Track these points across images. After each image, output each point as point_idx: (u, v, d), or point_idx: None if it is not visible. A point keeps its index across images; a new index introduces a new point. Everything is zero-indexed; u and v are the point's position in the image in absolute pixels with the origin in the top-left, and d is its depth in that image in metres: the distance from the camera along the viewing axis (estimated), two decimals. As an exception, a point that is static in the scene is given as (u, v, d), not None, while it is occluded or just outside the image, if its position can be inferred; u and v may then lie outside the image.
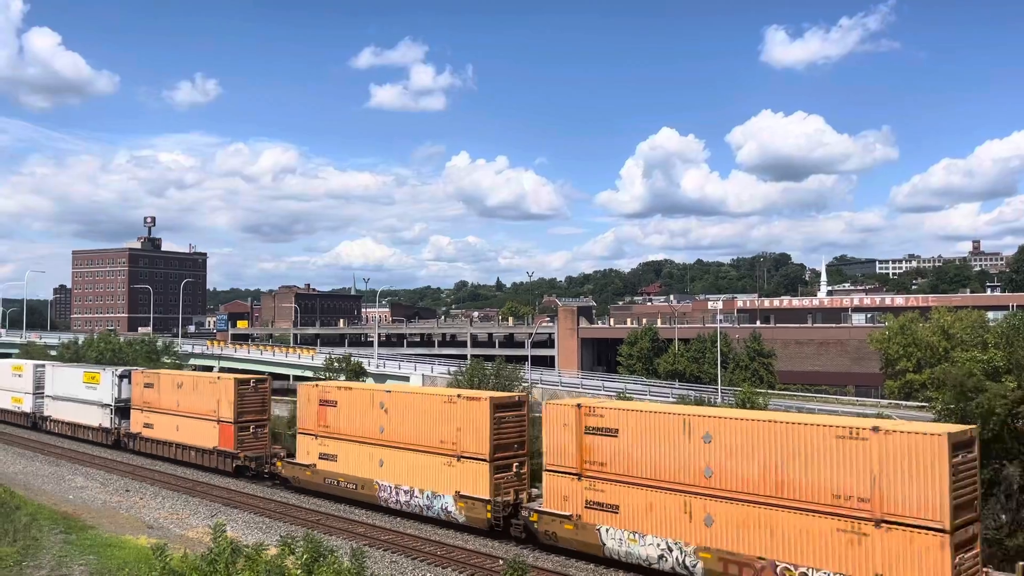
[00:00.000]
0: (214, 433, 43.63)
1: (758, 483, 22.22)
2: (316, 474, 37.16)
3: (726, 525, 22.92)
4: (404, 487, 33.05)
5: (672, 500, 24.10)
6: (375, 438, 34.50)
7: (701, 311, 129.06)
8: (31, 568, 26.42)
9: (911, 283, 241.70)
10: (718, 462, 23.09)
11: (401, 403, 33.86)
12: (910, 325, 72.80)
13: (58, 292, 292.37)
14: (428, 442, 32.04)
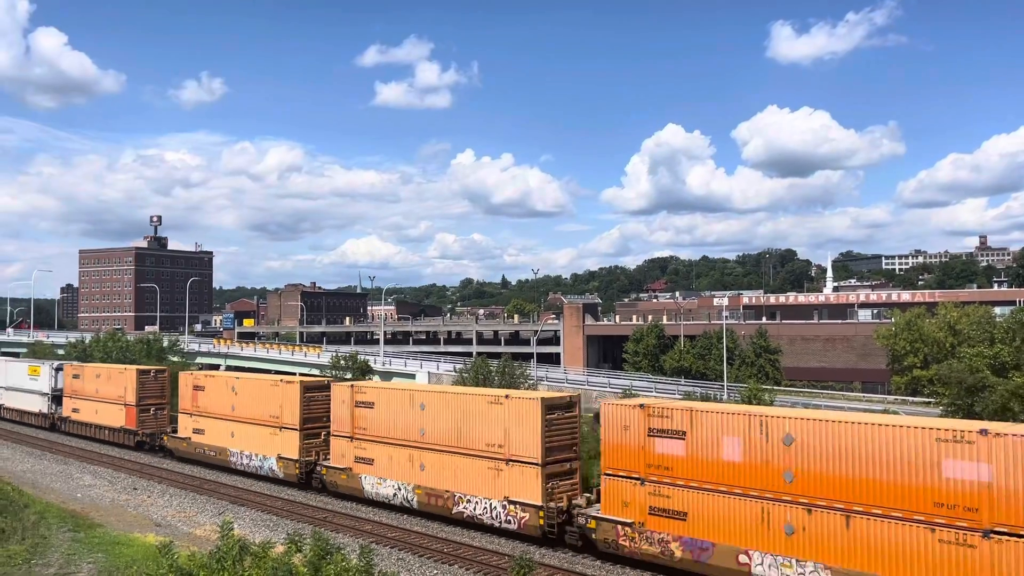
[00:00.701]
0: (121, 415, 52.10)
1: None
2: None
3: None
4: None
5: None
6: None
7: (707, 308, 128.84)
8: (40, 566, 26.56)
9: (917, 279, 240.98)
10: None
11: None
12: (916, 321, 72.64)
13: (65, 291, 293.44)
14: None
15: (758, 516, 22.35)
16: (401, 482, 33.36)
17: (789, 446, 21.87)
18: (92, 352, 78.09)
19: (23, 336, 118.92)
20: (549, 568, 25.55)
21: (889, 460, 20.15)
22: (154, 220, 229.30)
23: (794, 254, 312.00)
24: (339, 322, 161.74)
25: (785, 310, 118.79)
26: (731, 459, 23.12)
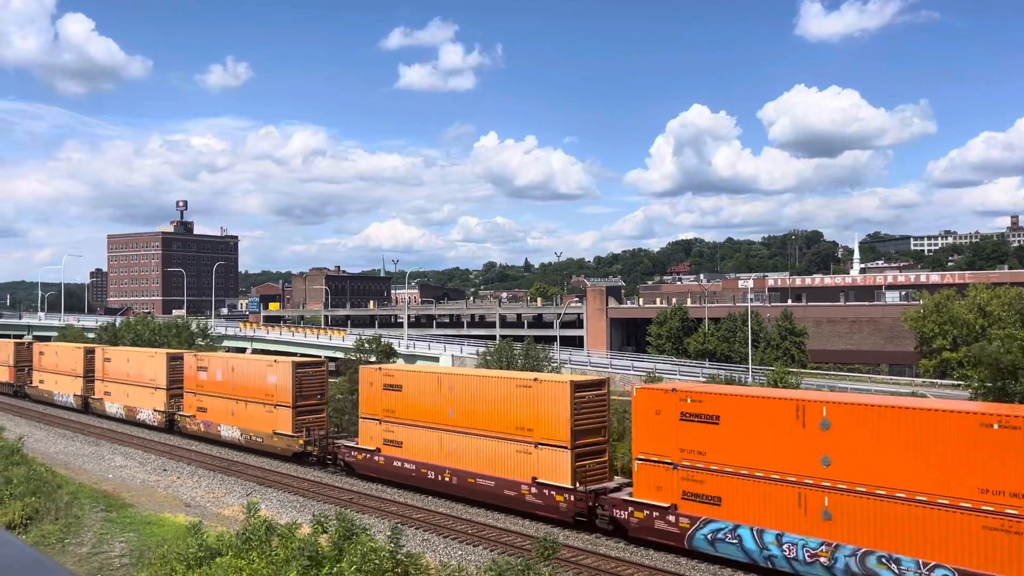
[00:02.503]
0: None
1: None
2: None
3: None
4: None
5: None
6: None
7: (731, 290, 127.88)
8: (73, 545, 27.11)
9: (947, 260, 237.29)
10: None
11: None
12: (946, 303, 71.57)
13: (94, 276, 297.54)
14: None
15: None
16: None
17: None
18: (122, 335, 79.24)
19: (54, 320, 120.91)
20: (573, 549, 25.65)
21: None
22: (180, 205, 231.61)
23: (820, 235, 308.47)
24: (363, 305, 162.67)
25: (811, 292, 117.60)
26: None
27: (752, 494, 23.40)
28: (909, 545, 20.27)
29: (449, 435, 32.56)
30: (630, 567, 24.60)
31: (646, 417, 26.05)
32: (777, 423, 23.01)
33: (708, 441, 24.46)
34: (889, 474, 20.74)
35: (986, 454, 19.28)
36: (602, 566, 24.63)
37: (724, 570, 24.25)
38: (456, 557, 25.49)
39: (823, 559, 21.52)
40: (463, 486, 31.91)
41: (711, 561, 24.79)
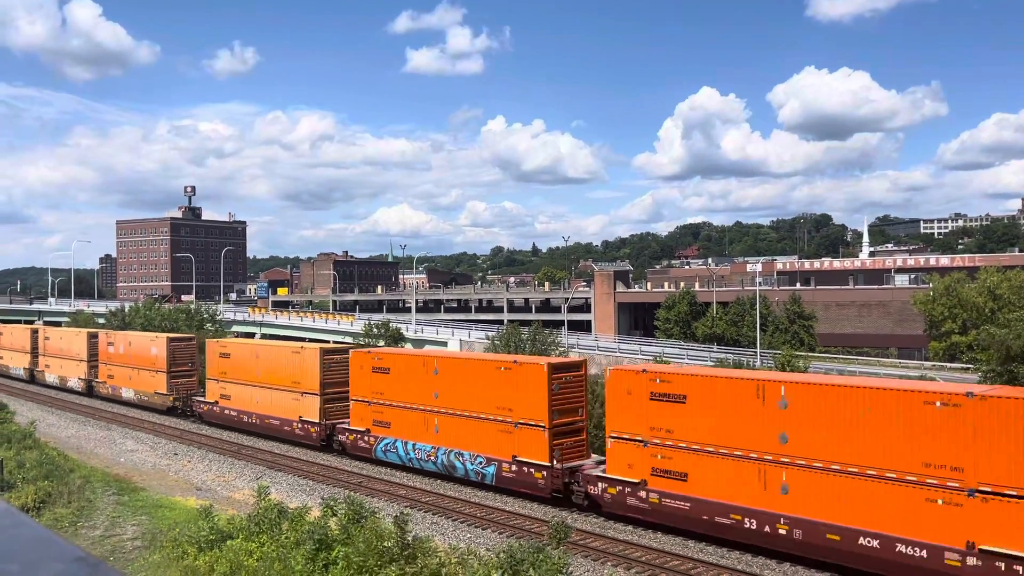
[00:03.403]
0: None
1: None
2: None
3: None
4: None
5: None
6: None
7: (740, 274, 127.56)
8: (86, 528, 27.39)
9: (957, 243, 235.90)
10: None
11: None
12: (956, 286, 71.23)
13: (104, 261, 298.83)
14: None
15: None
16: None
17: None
18: (132, 321, 79.65)
19: (64, 305, 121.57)
20: (581, 532, 25.77)
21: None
22: (188, 190, 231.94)
23: (829, 219, 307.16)
24: (371, 290, 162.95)
25: (820, 276, 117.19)
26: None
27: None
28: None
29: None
30: (638, 549, 24.73)
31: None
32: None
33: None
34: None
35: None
36: (610, 549, 24.77)
37: (732, 552, 24.35)
38: (465, 540, 25.64)
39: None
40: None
41: (719, 544, 24.89)
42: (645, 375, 26.58)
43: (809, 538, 22.34)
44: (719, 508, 24.30)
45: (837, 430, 21.85)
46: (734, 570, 22.87)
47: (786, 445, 22.86)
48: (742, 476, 23.89)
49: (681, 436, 25.38)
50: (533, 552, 18.88)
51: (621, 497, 26.91)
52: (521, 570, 18.46)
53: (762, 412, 23.43)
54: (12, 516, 1.47)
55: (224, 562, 20.06)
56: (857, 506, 21.47)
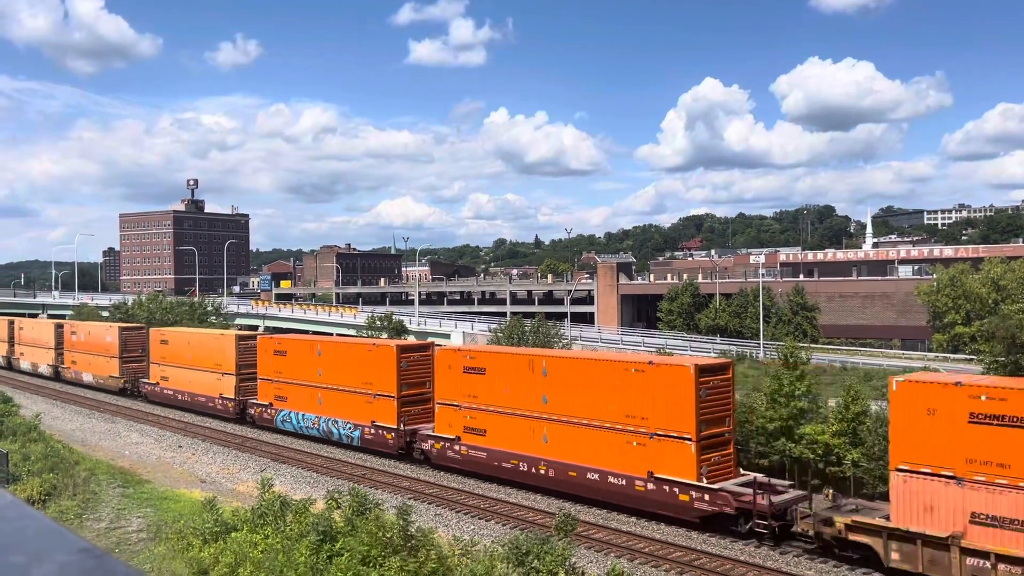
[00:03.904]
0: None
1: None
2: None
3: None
4: None
5: None
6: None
7: (743, 265, 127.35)
8: (91, 520, 27.50)
9: (961, 234, 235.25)
10: None
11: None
12: (960, 277, 71.06)
13: (107, 255, 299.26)
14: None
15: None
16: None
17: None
18: (136, 313, 79.76)
19: (68, 299, 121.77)
20: (585, 524, 25.84)
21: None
22: (191, 183, 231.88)
23: (833, 210, 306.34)
24: (374, 283, 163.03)
25: (823, 267, 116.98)
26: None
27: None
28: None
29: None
30: (641, 540, 24.81)
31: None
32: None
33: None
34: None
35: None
36: (613, 540, 24.84)
37: (736, 544, 24.40)
38: (468, 532, 25.72)
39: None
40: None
41: (722, 535, 24.95)
42: (460, 353, 34.12)
43: (558, 475, 28.87)
44: (505, 456, 30.89)
45: (576, 392, 28.61)
46: (736, 560, 22.94)
47: (546, 405, 29.60)
48: (521, 430, 30.45)
49: (483, 401, 31.91)
50: (538, 543, 18.94)
51: (444, 450, 33.51)
52: (527, 561, 18.52)
53: (532, 379, 30.10)
54: (17, 508, 1.48)
55: (229, 554, 20.14)
56: (587, 449, 28.06)
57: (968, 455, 20.15)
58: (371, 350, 38.09)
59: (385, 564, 18.54)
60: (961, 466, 20.27)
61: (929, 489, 20.76)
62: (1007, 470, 19.53)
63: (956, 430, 20.43)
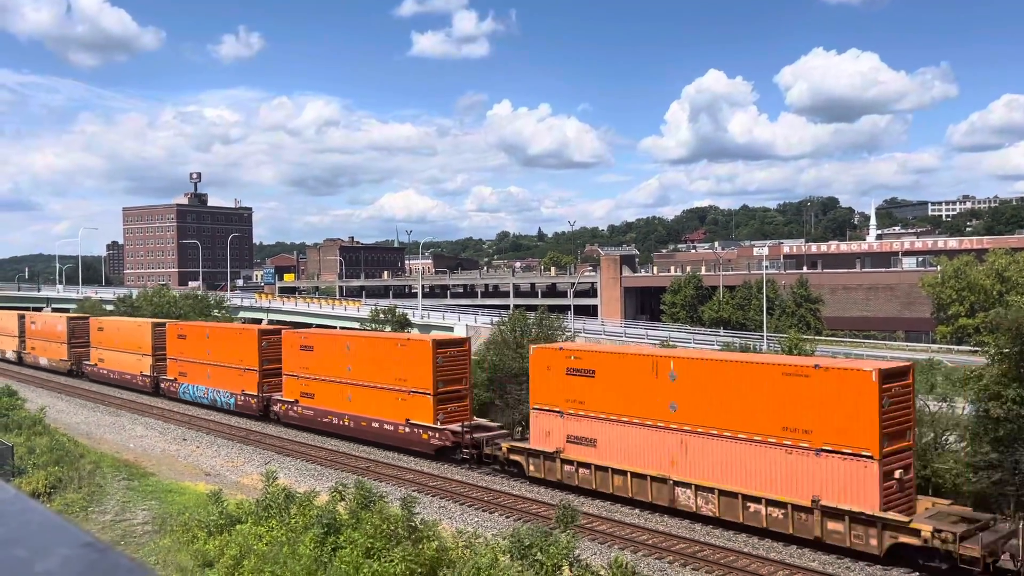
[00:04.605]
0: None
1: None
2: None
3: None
4: None
5: None
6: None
7: (746, 258, 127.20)
8: (97, 513, 27.61)
9: (965, 225, 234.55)
10: None
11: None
12: (964, 268, 70.89)
13: (111, 248, 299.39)
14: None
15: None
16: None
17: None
18: (141, 307, 79.86)
19: (72, 292, 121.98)
20: (588, 516, 25.87)
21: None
22: (194, 177, 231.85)
23: (836, 202, 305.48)
24: (377, 276, 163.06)
25: (827, 259, 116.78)
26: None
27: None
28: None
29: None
30: (644, 532, 24.84)
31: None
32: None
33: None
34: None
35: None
36: (617, 532, 24.87)
37: (739, 535, 24.41)
38: (472, 524, 25.76)
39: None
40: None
41: (725, 527, 24.96)
42: (296, 333, 44.33)
43: (356, 425, 37.81)
44: (325, 413, 39.52)
45: (367, 363, 37.47)
46: (740, 552, 22.96)
47: (350, 373, 38.15)
48: (335, 393, 38.92)
49: (313, 372, 40.42)
50: (541, 536, 18.96)
51: (289, 411, 42.16)
52: (529, 554, 18.55)
53: (343, 354, 38.90)
54: (20, 501, 1.48)
55: (234, 546, 20.20)
56: (373, 405, 36.84)
57: (566, 397, 29.29)
58: (241, 333, 46.55)
59: (389, 555, 18.58)
60: (563, 404, 29.39)
61: (548, 421, 29.95)
62: (583, 405, 28.78)
63: (561, 380, 29.52)
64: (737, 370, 25.06)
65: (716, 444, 24.91)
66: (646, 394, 26.77)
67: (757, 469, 23.88)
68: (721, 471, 24.71)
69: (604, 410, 28.04)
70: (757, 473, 23.87)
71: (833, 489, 22.10)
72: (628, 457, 27.27)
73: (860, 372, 22.31)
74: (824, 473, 22.31)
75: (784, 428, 23.25)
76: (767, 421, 23.65)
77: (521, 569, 18.07)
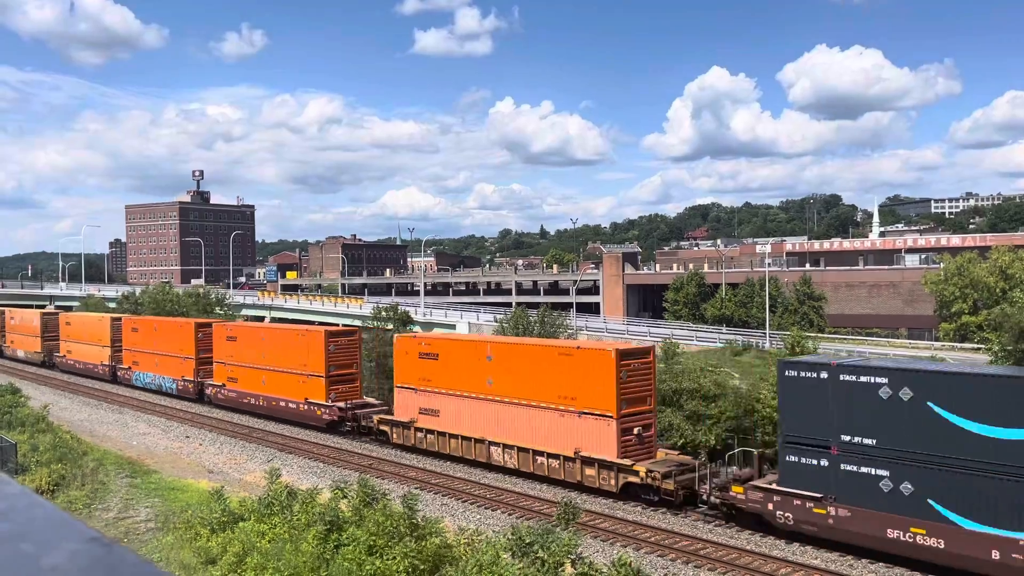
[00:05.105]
0: None
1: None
2: None
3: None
4: None
5: None
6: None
7: (749, 255, 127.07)
8: (100, 510, 27.66)
9: (968, 222, 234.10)
10: None
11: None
12: (967, 265, 70.77)
13: (114, 246, 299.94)
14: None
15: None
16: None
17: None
18: (143, 304, 79.95)
19: (75, 290, 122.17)
20: (591, 513, 25.90)
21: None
22: (196, 174, 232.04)
23: (839, 199, 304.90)
24: (379, 274, 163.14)
25: (829, 256, 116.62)
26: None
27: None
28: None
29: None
30: (647, 530, 24.86)
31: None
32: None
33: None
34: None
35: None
36: (619, 529, 24.89)
37: (742, 533, 24.42)
38: (475, 521, 25.79)
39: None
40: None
41: (728, 526, 24.97)
42: (223, 326, 49.79)
43: (267, 403, 44.22)
44: (245, 395, 45.90)
45: (277, 352, 43.68)
46: (743, 550, 22.98)
47: (264, 359, 44.42)
48: (254, 377, 45.13)
49: (237, 360, 46.59)
50: (542, 534, 18.97)
51: (217, 394, 48.06)
52: (531, 551, 18.56)
53: (258, 345, 45.22)
54: (27, 497, 1.49)
55: (236, 543, 20.24)
56: (282, 387, 43.13)
57: (418, 376, 35.67)
58: (182, 327, 53.55)
59: (391, 553, 18.60)
60: (416, 382, 35.80)
61: (406, 396, 36.40)
62: (430, 382, 35.16)
63: (415, 363, 35.87)
64: (531, 351, 31.32)
65: (517, 410, 31.09)
66: (472, 372, 33.06)
67: (542, 429, 30.11)
68: (520, 432, 30.90)
69: (445, 386, 34.41)
70: (543, 432, 30.09)
71: (589, 443, 28.52)
72: (460, 424, 33.45)
73: (604, 352, 28.56)
74: (583, 431, 28.65)
75: (560, 396, 29.55)
76: (549, 391, 29.90)
77: (523, 567, 18.08)
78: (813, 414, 22.48)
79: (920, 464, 20.60)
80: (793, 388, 23.03)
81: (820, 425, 22.33)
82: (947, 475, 20.11)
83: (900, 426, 20.87)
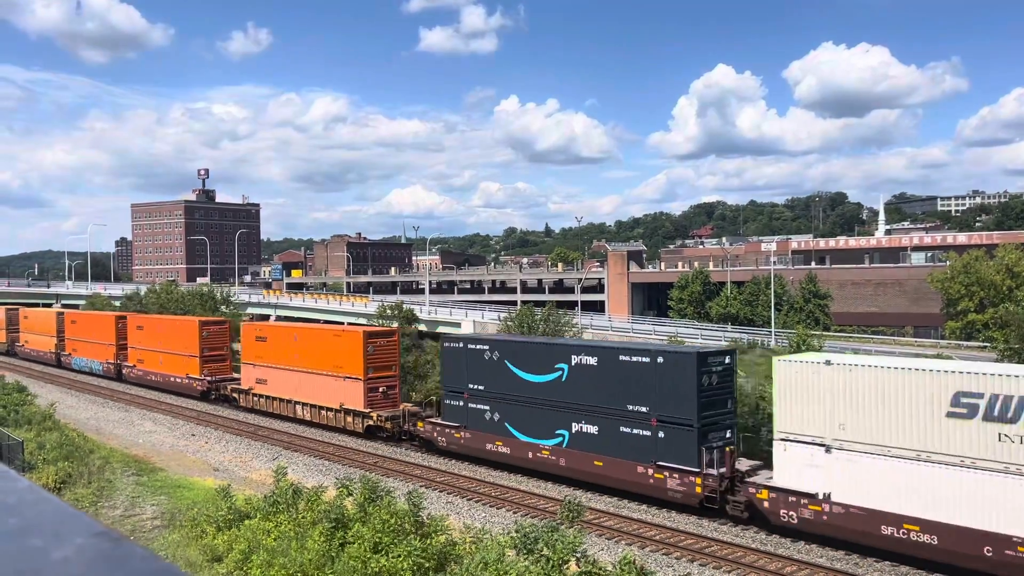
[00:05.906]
0: None
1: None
2: None
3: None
4: None
5: None
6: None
7: (754, 253, 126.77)
8: (106, 508, 27.77)
9: (975, 220, 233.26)
10: None
11: None
12: (973, 263, 70.53)
13: (120, 244, 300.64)
14: None
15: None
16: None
17: None
18: (148, 303, 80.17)
19: (82, 289, 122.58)
20: (595, 511, 25.92)
21: None
22: (202, 173, 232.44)
23: (845, 197, 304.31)
24: (385, 272, 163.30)
25: (835, 254, 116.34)
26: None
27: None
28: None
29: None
30: (651, 528, 24.88)
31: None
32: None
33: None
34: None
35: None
36: (624, 527, 24.91)
37: (747, 531, 24.41)
38: (480, 519, 25.83)
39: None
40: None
41: (731, 523, 24.96)
42: (132, 317, 60.45)
43: (164, 381, 53.17)
44: (158, 377, 54.36)
45: (162, 339, 54.25)
46: (748, 548, 22.98)
47: (160, 344, 54.11)
48: (154, 360, 55.10)
49: (144, 345, 56.78)
50: (547, 531, 18.99)
51: (129, 372, 59.15)
52: (536, 549, 18.59)
53: (186, 336, 52.54)
54: (35, 492, 1.51)
55: (242, 541, 20.31)
56: (168, 366, 52.96)
57: (255, 354, 46.38)
58: (104, 318, 65.26)
59: (396, 550, 18.65)
60: (254, 359, 46.33)
61: (248, 371, 47.00)
62: (261, 359, 45.68)
63: (253, 344, 46.41)
64: (318, 333, 44.34)
65: (311, 377, 41.68)
66: (286, 350, 43.83)
67: (325, 390, 40.50)
68: (314, 393, 41.40)
69: (270, 361, 44.87)
70: (325, 393, 40.52)
71: (349, 398, 39.32)
72: (279, 389, 43.93)
73: (355, 332, 40.85)
74: (346, 390, 39.37)
75: (333, 366, 40.18)
76: (328, 362, 40.61)
77: (528, 564, 18.10)
78: (456, 372, 33.62)
79: (501, 399, 31.61)
80: (449, 356, 34.22)
81: (459, 379, 33.36)
82: (513, 406, 31.09)
83: (494, 377, 31.82)
